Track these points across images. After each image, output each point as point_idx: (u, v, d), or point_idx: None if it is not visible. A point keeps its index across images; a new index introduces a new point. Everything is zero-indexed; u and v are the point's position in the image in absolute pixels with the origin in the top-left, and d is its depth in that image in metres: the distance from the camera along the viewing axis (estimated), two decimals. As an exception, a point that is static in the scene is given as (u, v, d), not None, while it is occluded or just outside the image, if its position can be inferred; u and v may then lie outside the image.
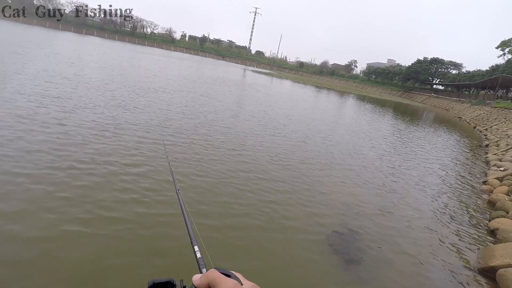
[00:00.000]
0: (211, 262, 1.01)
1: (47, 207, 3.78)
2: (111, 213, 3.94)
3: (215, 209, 4.59)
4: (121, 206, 4.14)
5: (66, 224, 3.54)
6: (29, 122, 6.54)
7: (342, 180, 6.97)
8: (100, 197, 4.24)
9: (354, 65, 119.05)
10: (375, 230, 4.94)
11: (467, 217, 6.14)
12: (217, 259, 3.40)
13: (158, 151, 6.32)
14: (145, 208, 4.19)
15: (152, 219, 4.00)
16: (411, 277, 3.95)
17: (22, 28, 49.69)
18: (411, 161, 10.17)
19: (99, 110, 8.62)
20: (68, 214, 3.73)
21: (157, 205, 4.33)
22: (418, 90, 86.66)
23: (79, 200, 4.05)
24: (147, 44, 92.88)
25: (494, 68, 58.47)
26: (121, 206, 4.13)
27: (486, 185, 8.41)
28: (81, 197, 4.13)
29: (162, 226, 3.87)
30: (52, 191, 4.14)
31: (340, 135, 12.43)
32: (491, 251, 4.54)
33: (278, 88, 33.38)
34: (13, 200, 3.78)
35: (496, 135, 18.80)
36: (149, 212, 4.12)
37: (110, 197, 4.30)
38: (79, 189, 4.32)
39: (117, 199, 4.29)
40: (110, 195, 4.34)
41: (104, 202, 4.14)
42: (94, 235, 3.46)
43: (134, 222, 3.84)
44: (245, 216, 4.56)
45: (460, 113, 41.04)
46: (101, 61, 22.63)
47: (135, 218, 3.92)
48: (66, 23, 79.56)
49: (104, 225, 3.68)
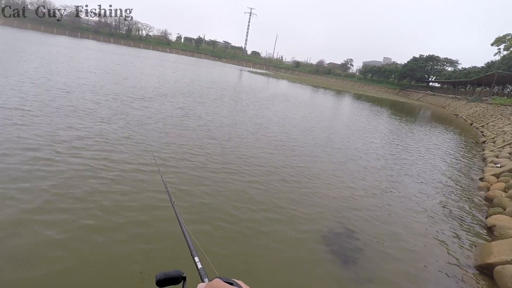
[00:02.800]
0: (215, 270, 0.99)
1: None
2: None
3: (209, 213, 4.55)
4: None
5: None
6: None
7: (338, 179, 6.94)
8: (89, 222, 3.80)
9: (350, 64, 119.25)
10: (371, 228, 4.91)
11: (464, 214, 6.13)
12: (217, 264, 3.35)
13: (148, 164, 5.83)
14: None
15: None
16: (408, 275, 3.92)
17: (19, 33, 49.42)
18: (408, 159, 10.17)
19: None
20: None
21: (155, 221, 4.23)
22: (414, 88, 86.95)
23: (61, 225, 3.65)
24: (143, 46, 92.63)
25: (490, 64, 58.71)
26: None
27: (483, 181, 8.43)
28: (65, 223, 3.69)
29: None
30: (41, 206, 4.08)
31: (336, 134, 12.44)
32: (488, 248, 4.52)
33: (276, 89, 33.34)
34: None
35: (492, 132, 18.87)
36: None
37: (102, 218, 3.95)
38: (63, 213, 3.87)
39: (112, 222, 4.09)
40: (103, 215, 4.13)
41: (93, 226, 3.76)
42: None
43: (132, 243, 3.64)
44: (241, 219, 4.52)
45: (457, 110, 41.20)
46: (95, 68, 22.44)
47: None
48: (61, 27, 79.27)
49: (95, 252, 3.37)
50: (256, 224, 4.45)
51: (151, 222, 4.01)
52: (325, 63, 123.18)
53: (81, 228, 3.63)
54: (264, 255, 3.80)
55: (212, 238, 3.90)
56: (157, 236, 3.75)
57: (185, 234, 0.99)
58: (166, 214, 4.15)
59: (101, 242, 3.47)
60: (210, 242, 3.79)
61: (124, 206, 4.24)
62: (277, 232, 4.36)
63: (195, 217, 4.31)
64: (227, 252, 3.71)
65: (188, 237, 0.98)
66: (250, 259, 3.69)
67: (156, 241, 3.66)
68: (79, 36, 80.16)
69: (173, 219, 1.92)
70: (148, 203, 4.43)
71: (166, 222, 4.01)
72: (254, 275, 3.44)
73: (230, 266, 3.50)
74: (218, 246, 3.77)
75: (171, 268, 0.83)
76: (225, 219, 4.41)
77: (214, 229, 4.11)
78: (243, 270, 3.49)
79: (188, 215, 4.31)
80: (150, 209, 4.27)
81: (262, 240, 4.10)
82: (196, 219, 4.28)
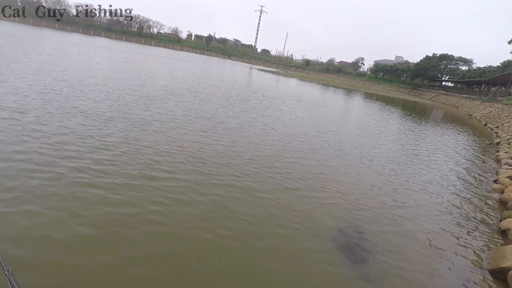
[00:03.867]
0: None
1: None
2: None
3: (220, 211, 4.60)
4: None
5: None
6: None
7: (348, 179, 6.90)
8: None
9: (361, 62, 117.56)
10: (381, 229, 4.88)
11: (477, 217, 6.02)
12: (225, 259, 3.40)
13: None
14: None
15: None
16: (419, 277, 3.89)
17: (36, 31, 50.56)
18: (420, 160, 10.01)
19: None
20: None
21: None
22: (426, 87, 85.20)
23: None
24: (154, 44, 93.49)
25: (506, 64, 57.12)
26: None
27: (497, 184, 8.24)
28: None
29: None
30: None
31: (346, 133, 12.34)
32: (502, 252, 4.44)
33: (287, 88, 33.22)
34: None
35: (507, 133, 18.37)
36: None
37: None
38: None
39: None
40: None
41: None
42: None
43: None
44: (251, 219, 4.56)
45: (470, 111, 40.26)
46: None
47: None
48: (74, 25, 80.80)
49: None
50: (263, 224, 4.48)
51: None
52: (335, 61, 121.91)
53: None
54: (274, 254, 3.83)
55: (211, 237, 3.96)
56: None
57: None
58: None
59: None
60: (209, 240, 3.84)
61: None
62: (286, 232, 4.38)
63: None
64: (234, 248, 3.75)
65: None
66: (259, 258, 3.72)
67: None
68: (91, 34, 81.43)
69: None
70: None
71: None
72: (263, 275, 3.46)
73: (230, 266, 3.54)
74: (217, 246, 3.82)
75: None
76: (234, 219, 4.46)
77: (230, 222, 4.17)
78: (251, 269, 3.52)
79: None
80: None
81: (271, 239, 4.13)
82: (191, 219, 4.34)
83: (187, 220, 4.14)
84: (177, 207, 4.40)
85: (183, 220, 4.11)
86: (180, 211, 4.31)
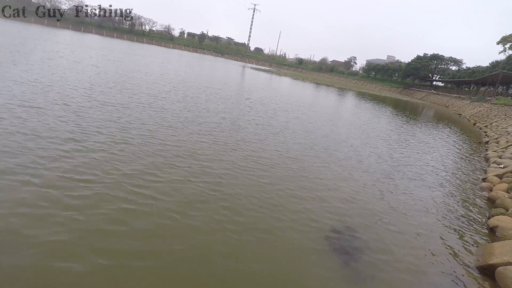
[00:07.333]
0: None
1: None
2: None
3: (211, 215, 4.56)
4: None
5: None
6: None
7: (340, 178, 6.94)
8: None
9: (353, 61, 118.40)
10: (372, 228, 4.92)
11: (466, 215, 6.12)
12: (214, 261, 3.37)
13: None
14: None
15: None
16: (409, 275, 3.93)
17: (22, 26, 49.42)
18: (410, 158, 10.14)
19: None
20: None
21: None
22: (417, 86, 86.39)
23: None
24: (146, 41, 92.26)
25: (495, 64, 58.16)
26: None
27: (486, 182, 8.39)
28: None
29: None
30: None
31: (338, 130, 12.40)
32: (490, 249, 4.52)
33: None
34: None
35: (496, 132, 18.74)
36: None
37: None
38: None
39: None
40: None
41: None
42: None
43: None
44: (243, 218, 4.54)
45: (460, 110, 40.96)
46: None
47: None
48: (64, 21, 78.96)
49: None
50: (256, 223, 4.47)
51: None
52: (328, 60, 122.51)
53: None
54: (266, 254, 3.82)
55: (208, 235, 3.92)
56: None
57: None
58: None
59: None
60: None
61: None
62: (278, 231, 4.37)
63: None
64: (226, 251, 3.73)
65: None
66: (251, 258, 3.70)
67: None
68: (82, 31, 79.89)
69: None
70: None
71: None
72: (255, 275, 3.44)
73: (230, 266, 3.51)
74: (218, 246, 3.79)
75: None
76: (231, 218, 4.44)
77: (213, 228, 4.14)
78: (243, 269, 3.49)
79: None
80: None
81: (261, 239, 4.11)
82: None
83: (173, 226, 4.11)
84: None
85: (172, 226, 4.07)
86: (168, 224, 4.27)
